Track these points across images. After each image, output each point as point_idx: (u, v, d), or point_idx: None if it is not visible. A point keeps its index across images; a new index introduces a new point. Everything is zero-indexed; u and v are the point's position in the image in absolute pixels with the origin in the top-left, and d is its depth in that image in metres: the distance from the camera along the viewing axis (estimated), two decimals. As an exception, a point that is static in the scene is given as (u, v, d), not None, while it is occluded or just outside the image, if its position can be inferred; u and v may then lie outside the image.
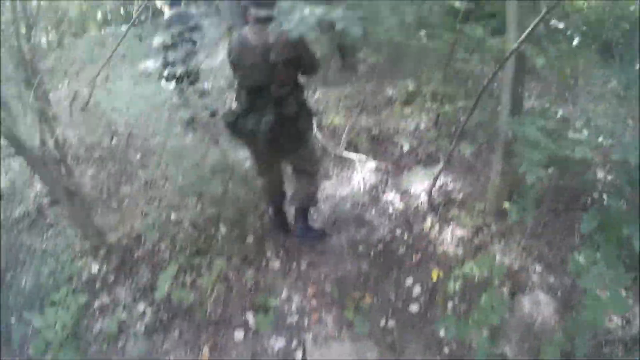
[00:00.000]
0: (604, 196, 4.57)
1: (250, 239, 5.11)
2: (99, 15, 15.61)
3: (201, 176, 5.12)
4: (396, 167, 5.87)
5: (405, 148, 5.56)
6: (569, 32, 8.63)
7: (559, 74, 7.08)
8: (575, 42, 8.33)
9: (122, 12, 13.99)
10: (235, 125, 4.13)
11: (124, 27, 6.20)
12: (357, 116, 6.86)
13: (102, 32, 6.63)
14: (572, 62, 6.83)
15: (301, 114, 4.15)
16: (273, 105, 3.95)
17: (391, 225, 5.04)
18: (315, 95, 7.80)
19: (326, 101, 7.53)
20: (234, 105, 4.27)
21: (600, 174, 4.90)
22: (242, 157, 6.06)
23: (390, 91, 7.52)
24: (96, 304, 4.89)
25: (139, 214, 5.95)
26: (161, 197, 5.97)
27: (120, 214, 6.04)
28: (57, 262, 5.44)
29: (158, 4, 8.26)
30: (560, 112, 6.11)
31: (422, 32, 8.18)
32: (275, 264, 4.79)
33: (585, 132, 4.22)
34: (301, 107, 4.16)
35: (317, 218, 5.30)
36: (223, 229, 5.26)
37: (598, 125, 4.25)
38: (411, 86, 7.21)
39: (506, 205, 4.55)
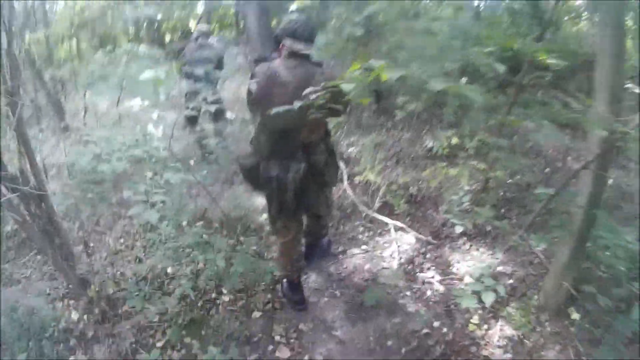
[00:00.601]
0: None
1: (256, 314, 4.29)
2: (131, 31, 15.09)
3: (202, 234, 4.30)
4: (436, 238, 5.01)
5: (456, 226, 4.75)
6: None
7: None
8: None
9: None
10: (255, 173, 3.66)
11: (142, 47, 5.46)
12: (393, 170, 6.09)
13: (123, 48, 6.05)
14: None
15: (330, 162, 3.79)
16: (303, 152, 3.52)
17: (429, 314, 4.13)
18: (349, 142, 7.06)
19: (359, 149, 6.73)
20: (251, 148, 3.74)
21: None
22: (257, 206, 5.42)
23: (429, 142, 6.67)
24: (70, 359, 4.19)
25: (132, 259, 5.21)
26: (160, 242, 5.16)
27: (110, 256, 5.31)
28: (35, 299, 4.79)
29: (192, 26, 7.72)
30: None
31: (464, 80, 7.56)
32: (284, 352, 3.91)
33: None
34: (330, 155, 3.78)
35: (341, 296, 4.44)
36: (226, 297, 4.46)
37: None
38: (454, 139, 6.38)
39: (572, 312, 3.84)
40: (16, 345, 4.42)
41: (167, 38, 15.22)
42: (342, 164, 6.05)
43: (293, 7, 5.68)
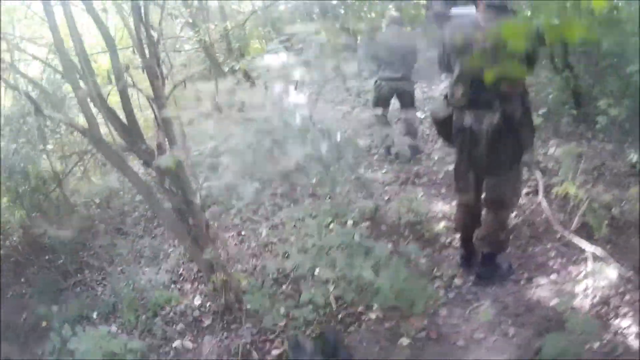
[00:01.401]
0: None
1: (404, 341, 3.49)
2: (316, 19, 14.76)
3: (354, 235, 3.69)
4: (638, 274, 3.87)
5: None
6: None
7: None
8: None
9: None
10: (448, 124, 3.63)
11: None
12: (594, 185, 5.01)
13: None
14: None
15: (524, 122, 3.55)
16: (498, 104, 3.39)
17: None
18: (546, 151, 6.10)
19: (557, 159, 5.71)
20: (445, 100, 3.71)
21: None
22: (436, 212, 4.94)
23: (633, 156, 5.53)
24: (175, 343, 4.07)
25: (282, 253, 4.79)
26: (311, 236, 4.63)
27: (260, 247, 5.09)
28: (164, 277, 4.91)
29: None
30: None
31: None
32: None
33: None
34: (525, 114, 3.55)
35: (515, 336, 3.47)
36: (374, 314, 3.75)
37: None
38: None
39: None
40: (126, 317, 4.40)
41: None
42: (538, 174, 5.22)
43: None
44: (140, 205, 6.53)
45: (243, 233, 5.40)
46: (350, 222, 4.70)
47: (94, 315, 4.56)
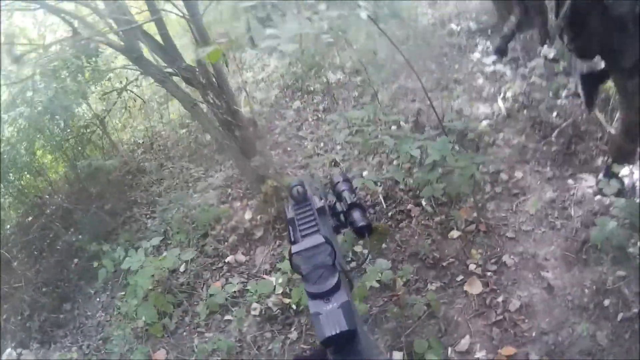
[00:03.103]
0: None
1: (454, 234, 3.56)
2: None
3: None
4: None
5: None
6: None
7: None
8: None
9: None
10: (593, 83, 3.32)
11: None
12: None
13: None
14: None
15: None
16: None
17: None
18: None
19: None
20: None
21: None
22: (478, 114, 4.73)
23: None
24: (228, 258, 4.16)
25: (328, 162, 4.80)
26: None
27: (305, 159, 5.04)
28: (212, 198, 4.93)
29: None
30: None
31: None
32: (476, 287, 3.18)
33: None
34: None
35: (561, 228, 3.47)
36: (423, 209, 3.80)
37: None
38: None
39: None
40: (176, 239, 4.48)
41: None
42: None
43: None
44: (182, 139, 6.60)
45: (289, 149, 5.38)
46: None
47: (149, 244, 4.37)
